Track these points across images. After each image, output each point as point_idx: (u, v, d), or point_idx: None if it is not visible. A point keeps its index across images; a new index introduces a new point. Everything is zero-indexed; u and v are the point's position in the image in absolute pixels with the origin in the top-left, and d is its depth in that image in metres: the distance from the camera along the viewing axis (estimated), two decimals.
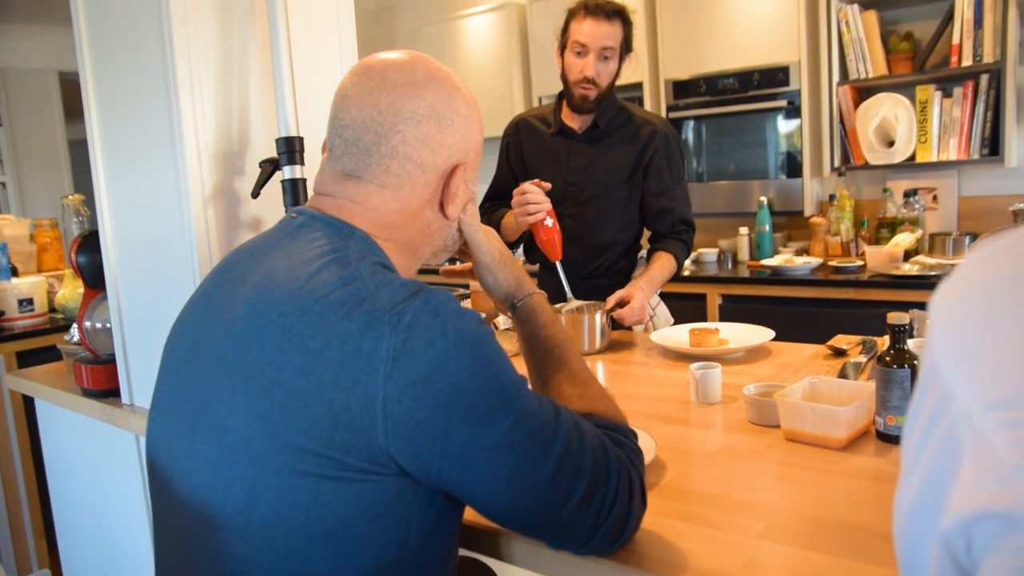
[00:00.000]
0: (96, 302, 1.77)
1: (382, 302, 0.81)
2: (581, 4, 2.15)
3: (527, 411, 0.83)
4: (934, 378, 0.47)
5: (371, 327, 0.80)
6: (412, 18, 5.12)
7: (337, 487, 0.79)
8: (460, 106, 0.98)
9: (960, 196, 3.30)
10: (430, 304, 0.82)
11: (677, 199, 2.25)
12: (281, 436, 0.80)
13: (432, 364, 0.79)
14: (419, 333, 0.80)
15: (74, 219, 3.44)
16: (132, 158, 1.57)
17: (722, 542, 0.97)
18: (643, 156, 2.23)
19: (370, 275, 0.85)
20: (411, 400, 0.78)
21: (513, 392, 0.84)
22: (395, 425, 0.78)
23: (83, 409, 1.79)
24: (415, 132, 0.94)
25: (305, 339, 0.81)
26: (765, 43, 3.38)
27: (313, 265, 0.86)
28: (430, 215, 1.00)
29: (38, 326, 3.07)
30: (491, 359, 0.83)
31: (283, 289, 0.86)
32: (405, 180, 0.96)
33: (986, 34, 2.93)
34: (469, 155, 1.01)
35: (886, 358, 1.23)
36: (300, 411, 0.79)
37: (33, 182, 5.64)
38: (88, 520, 2.00)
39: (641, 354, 1.96)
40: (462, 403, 0.79)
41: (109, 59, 1.58)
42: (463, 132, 0.99)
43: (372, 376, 0.78)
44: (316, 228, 0.93)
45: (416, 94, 0.95)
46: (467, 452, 0.80)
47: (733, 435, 1.34)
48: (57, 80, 5.70)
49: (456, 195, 1.00)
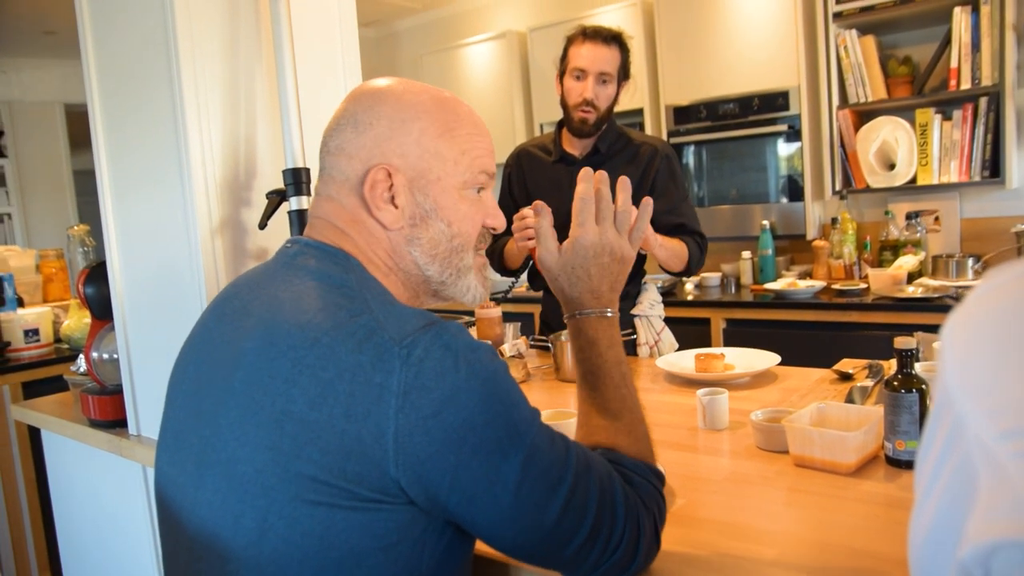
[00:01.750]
0: (103, 333, 1.78)
1: (391, 334, 0.81)
2: (580, 30, 2.19)
3: (537, 449, 0.83)
4: (947, 406, 0.47)
5: (382, 359, 0.80)
6: (413, 47, 5.18)
7: (349, 516, 0.79)
8: (386, 111, 0.94)
9: (962, 218, 3.31)
10: (442, 337, 0.82)
11: (686, 215, 2.27)
12: (292, 467, 0.80)
13: (444, 399, 0.79)
14: (431, 367, 0.79)
15: (79, 249, 3.46)
16: (140, 189, 1.59)
17: (733, 569, 0.97)
18: (646, 177, 2.25)
19: (379, 306, 0.85)
20: (422, 434, 0.78)
21: (524, 428, 0.83)
22: (406, 458, 0.78)
23: (90, 440, 1.79)
24: (336, 140, 0.96)
25: (316, 371, 0.81)
26: (765, 68, 3.41)
27: (319, 297, 0.87)
28: (371, 224, 0.95)
29: (44, 356, 3.08)
30: (503, 394, 0.83)
31: (291, 322, 0.85)
32: (336, 188, 0.96)
33: (984, 57, 2.96)
34: (406, 159, 0.94)
35: (894, 383, 1.22)
36: (312, 442, 0.79)
37: (38, 213, 5.68)
38: (94, 552, 1.99)
39: (647, 380, 1.96)
40: (473, 438, 0.79)
41: (117, 91, 1.60)
42: (388, 135, 0.93)
43: (383, 409, 0.78)
44: (312, 256, 0.93)
45: (343, 106, 0.97)
46: (475, 488, 0.80)
47: (741, 461, 1.33)
48: (63, 112, 5.76)
49: (382, 202, 0.93)
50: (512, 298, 4.00)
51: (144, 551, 1.75)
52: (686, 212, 2.28)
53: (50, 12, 4.52)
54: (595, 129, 2.22)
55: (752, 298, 3.32)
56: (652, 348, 2.30)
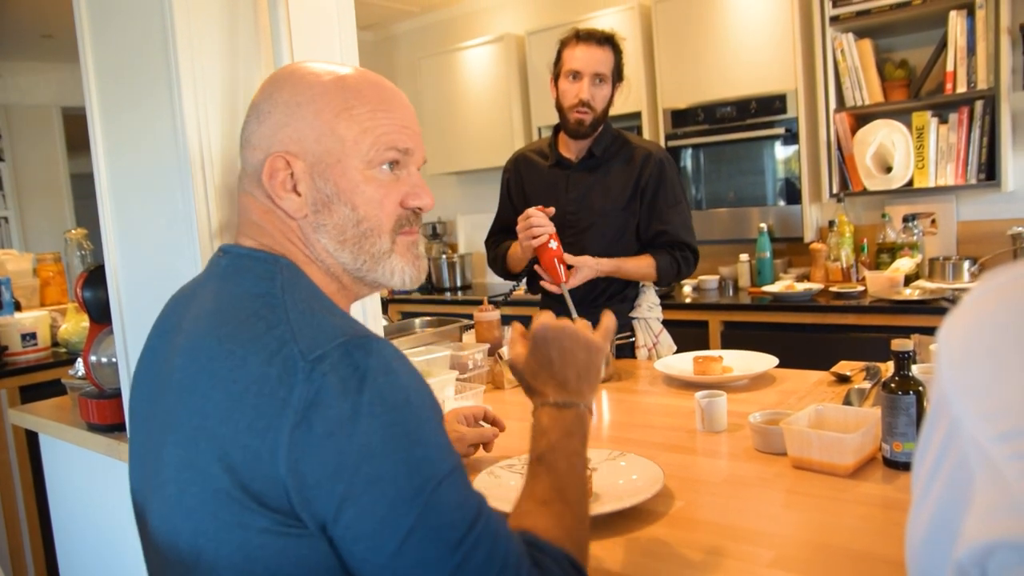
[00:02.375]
0: (102, 336, 1.78)
1: (302, 347, 0.76)
2: (573, 32, 2.21)
3: (440, 500, 0.75)
4: (944, 408, 0.48)
5: (287, 372, 0.75)
6: (411, 50, 5.18)
7: (266, 541, 0.75)
8: (282, 96, 0.92)
9: (958, 221, 3.32)
10: (353, 355, 0.76)
11: (671, 221, 2.25)
12: (209, 485, 0.77)
13: (341, 420, 0.73)
14: (333, 384, 0.74)
15: (77, 253, 3.46)
16: (138, 193, 1.59)
17: (732, 571, 0.97)
18: (639, 182, 2.25)
19: (298, 316, 0.80)
20: (312, 456, 0.72)
21: (429, 471, 0.75)
22: (296, 480, 0.73)
23: (88, 444, 1.79)
24: (244, 132, 0.94)
25: (228, 383, 0.78)
26: (762, 72, 3.42)
27: (241, 309, 0.83)
28: (280, 213, 0.92)
29: (41, 360, 3.07)
30: (412, 427, 0.75)
31: (212, 335, 0.82)
32: (246, 180, 0.94)
33: (979, 61, 2.97)
34: (305, 144, 0.90)
35: (891, 384, 1.23)
36: (222, 459, 0.76)
37: (36, 216, 5.68)
38: (92, 556, 1.99)
39: (645, 383, 1.97)
40: (367, 469, 0.72)
41: (116, 94, 1.60)
42: (284, 121, 0.91)
43: (281, 424, 0.73)
44: (242, 265, 0.90)
45: (256, 97, 0.96)
46: (359, 526, 0.73)
47: (740, 463, 1.34)
48: (60, 116, 5.76)
49: (282, 189, 0.90)
50: (511, 301, 4.00)
51: (140, 555, 1.75)
52: (671, 219, 2.26)
53: (48, 15, 4.52)
54: (591, 130, 2.23)
55: (750, 301, 3.32)
56: (650, 351, 2.31)
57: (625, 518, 1.13)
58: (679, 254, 2.25)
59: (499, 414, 1.71)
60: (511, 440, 1.56)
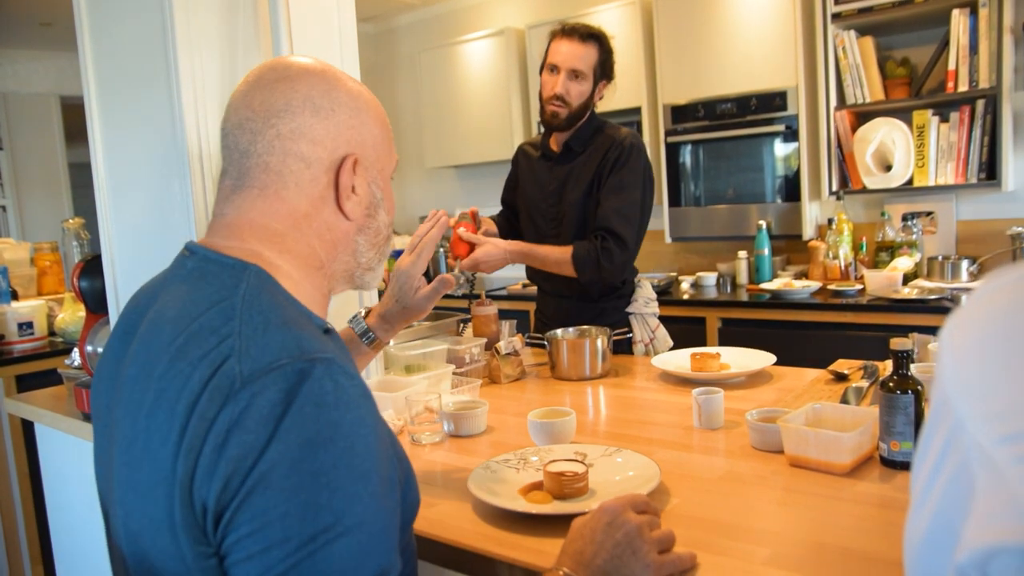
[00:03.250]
0: (98, 326, 1.77)
1: (243, 365, 0.71)
2: (560, 26, 2.24)
3: (326, 558, 0.68)
4: (945, 410, 0.47)
5: (219, 390, 0.70)
6: (411, 43, 5.17)
7: (204, 565, 0.71)
8: (342, 96, 0.90)
9: (958, 220, 3.32)
10: (288, 380, 0.70)
11: (606, 207, 2.16)
12: (148, 512, 0.73)
13: (254, 446, 0.68)
14: (258, 408, 0.69)
15: (74, 243, 3.45)
16: (136, 183, 1.58)
17: (728, 569, 0.97)
18: (600, 169, 2.21)
19: (250, 330, 0.75)
20: (221, 480, 0.68)
21: (325, 522, 0.68)
22: (209, 503, 0.69)
23: (84, 433, 1.79)
24: (290, 124, 0.87)
25: (172, 404, 0.73)
26: (763, 68, 3.41)
27: (196, 321, 0.77)
28: (329, 217, 0.90)
29: (38, 350, 3.07)
30: (324, 468, 0.69)
31: (166, 351, 0.77)
32: (288, 176, 0.87)
33: (981, 60, 2.96)
34: (365, 149, 0.92)
35: (889, 383, 1.23)
36: (160, 483, 0.72)
37: (33, 205, 5.66)
38: (87, 545, 1.98)
39: (642, 379, 1.96)
40: (256, 500, 0.67)
41: (114, 84, 1.60)
42: (350, 122, 0.90)
43: (204, 447, 0.69)
44: (207, 270, 0.83)
45: (289, 87, 0.88)
46: (235, 554, 0.69)
47: (737, 461, 1.34)
48: (58, 104, 5.74)
49: (352, 191, 0.90)
50: (508, 295, 4.00)
51: None
52: (608, 204, 2.16)
53: (46, 3, 4.50)
54: (566, 124, 2.23)
55: (748, 298, 3.32)
56: (647, 346, 2.31)
57: None
58: (600, 243, 2.12)
59: (496, 409, 1.71)
60: (508, 435, 1.56)
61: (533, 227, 2.38)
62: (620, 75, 2.33)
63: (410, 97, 5.20)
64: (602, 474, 1.24)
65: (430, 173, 5.18)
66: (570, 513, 1.09)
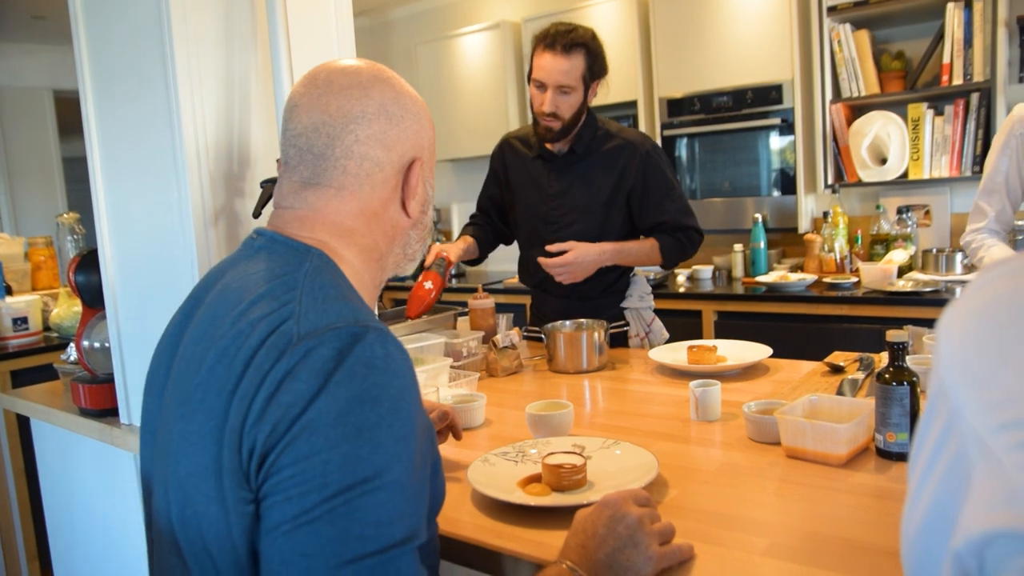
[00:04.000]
0: (94, 321, 1.77)
1: (302, 327, 0.78)
2: (543, 35, 2.11)
3: (360, 508, 0.71)
4: (942, 399, 0.47)
5: (276, 347, 0.77)
6: (407, 36, 5.16)
7: (236, 519, 0.75)
8: (408, 103, 0.97)
9: (952, 213, 3.33)
10: (342, 340, 0.76)
11: (668, 211, 2.22)
12: (200, 458, 0.78)
13: (304, 394, 0.73)
14: (311, 362, 0.75)
15: (69, 237, 3.44)
16: (132, 178, 1.58)
17: (725, 559, 0.98)
18: (623, 180, 2.21)
19: (311, 301, 0.81)
20: (269, 424, 0.73)
21: (363, 473, 0.72)
22: (254, 446, 0.74)
23: (80, 429, 1.79)
24: (368, 130, 0.93)
25: (231, 359, 0.79)
26: (758, 61, 3.41)
27: (260, 289, 0.84)
28: (394, 214, 0.98)
29: (33, 345, 3.06)
30: (368, 424, 0.73)
31: (228, 314, 0.84)
32: (364, 179, 0.94)
33: (976, 53, 2.97)
34: (424, 152, 0.99)
35: (885, 375, 1.23)
36: (212, 431, 0.77)
37: (27, 200, 5.63)
38: (84, 541, 1.98)
39: (639, 371, 1.97)
40: (301, 445, 0.72)
41: (110, 78, 1.59)
42: (415, 128, 0.97)
43: (259, 394, 0.75)
44: (274, 250, 0.91)
45: (364, 94, 0.94)
46: (273, 495, 0.73)
47: (734, 452, 1.34)
48: (51, 98, 5.71)
49: (416, 191, 0.98)
50: (505, 289, 4.00)
51: (134, 540, 1.75)
52: (668, 208, 2.22)
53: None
54: (561, 136, 2.17)
55: (743, 291, 3.33)
56: (643, 340, 2.31)
57: None
58: (682, 235, 2.23)
59: (494, 402, 1.71)
60: (506, 429, 1.57)
61: (528, 229, 2.33)
62: (616, 69, 2.28)
63: None
64: (600, 466, 1.25)
65: None
66: (568, 505, 1.09)
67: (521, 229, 2.37)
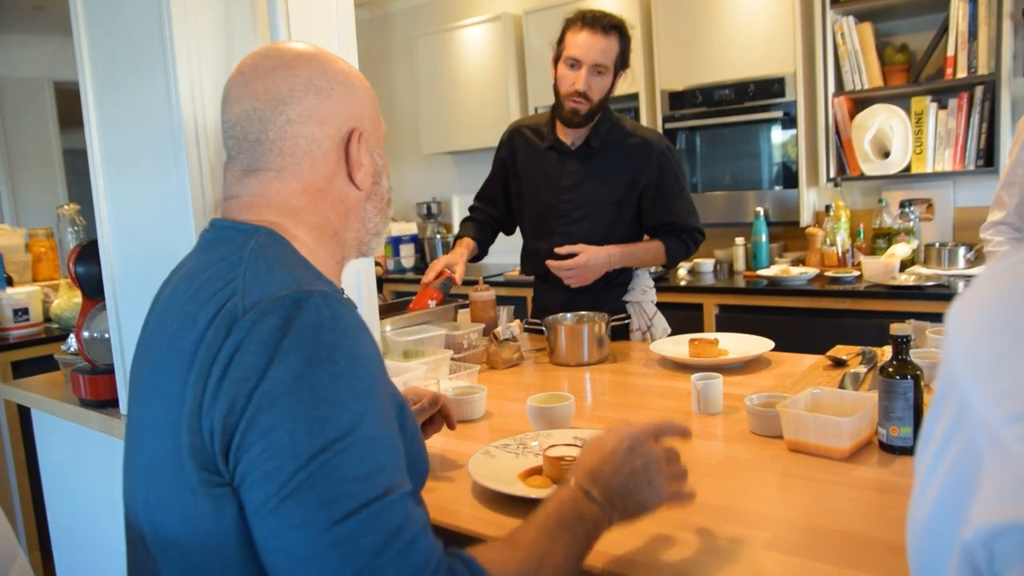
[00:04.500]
0: (94, 312, 1.76)
1: (246, 301, 0.78)
2: (579, 15, 2.10)
3: (336, 467, 0.71)
4: (952, 390, 0.47)
5: (225, 324, 0.77)
6: (408, 28, 5.14)
7: (200, 501, 0.76)
8: (337, 75, 0.96)
9: (955, 207, 3.32)
10: (287, 308, 0.77)
11: (677, 211, 2.25)
12: (160, 445, 0.79)
13: (255, 365, 0.74)
14: (259, 334, 0.75)
15: (70, 229, 3.43)
16: (132, 168, 1.57)
17: (728, 553, 0.97)
18: (638, 179, 2.21)
19: (253, 274, 0.82)
20: (226, 400, 0.74)
21: (330, 433, 0.72)
22: (216, 425, 0.74)
23: (81, 419, 1.78)
24: (298, 108, 0.92)
25: (181, 343, 0.80)
26: (761, 54, 3.39)
27: (206, 272, 0.85)
28: (342, 188, 0.97)
29: (33, 336, 3.05)
30: (324, 384, 0.74)
31: (179, 301, 0.85)
32: (302, 157, 0.93)
33: (981, 46, 2.95)
34: (364, 122, 0.98)
35: (889, 369, 1.23)
36: (173, 419, 0.78)
37: (28, 191, 5.63)
38: (84, 531, 1.98)
39: (641, 364, 1.96)
40: (266, 418, 0.72)
41: (110, 69, 1.58)
42: (348, 99, 0.96)
43: (212, 373, 0.76)
44: (224, 236, 0.91)
45: (290, 73, 0.93)
46: (250, 471, 0.73)
47: (735, 446, 1.34)
48: (52, 89, 5.69)
49: (361, 162, 0.97)
50: (506, 282, 4.00)
51: None
52: (678, 209, 2.25)
53: None
54: (586, 120, 2.15)
55: (745, 284, 3.32)
56: (644, 334, 2.30)
57: None
58: (687, 236, 2.28)
59: (494, 395, 1.71)
60: (507, 421, 1.56)
61: (534, 220, 2.31)
62: None
63: (407, 83, 5.17)
64: None
65: (427, 159, 5.17)
66: None
67: (527, 219, 2.34)
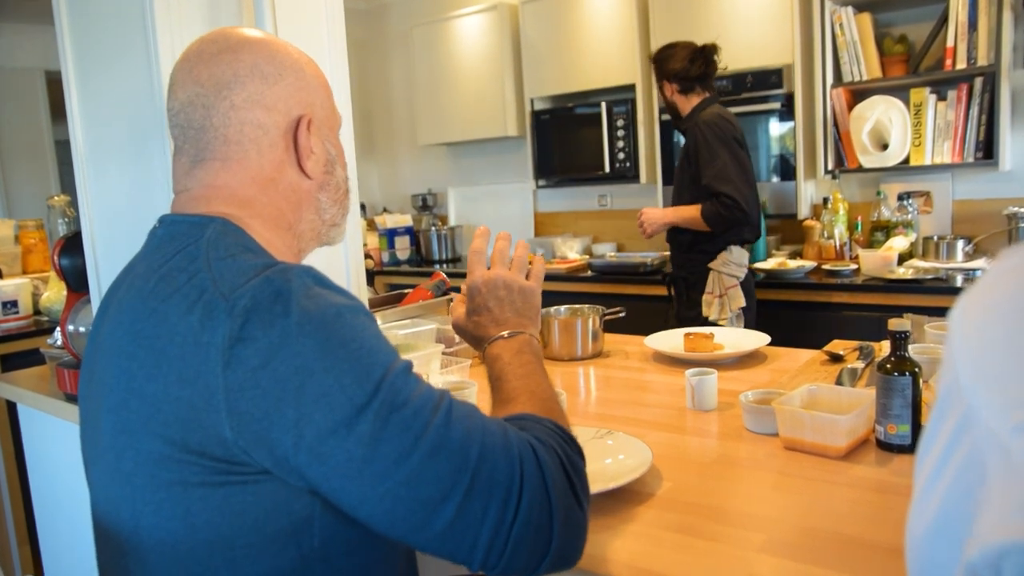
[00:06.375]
0: (79, 305, 1.73)
1: (222, 289, 0.76)
2: None
3: (395, 395, 0.74)
4: (956, 396, 0.44)
5: (209, 316, 0.75)
6: (403, 19, 5.09)
7: (205, 494, 0.75)
8: (285, 60, 0.92)
9: (954, 199, 3.29)
10: (273, 283, 0.76)
11: (708, 175, 2.67)
12: (143, 446, 0.77)
13: (272, 347, 0.72)
14: (258, 315, 0.73)
15: (60, 220, 3.40)
16: (117, 160, 1.54)
17: (721, 555, 0.95)
18: (688, 149, 2.79)
19: (217, 261, 0.80)
20: (253, 388, 0.72)
21: (378, 373, 0.74)
22: (240, 418, 0.72)
23: (66, 414, 1.76)
24: (242, 93, 0.88)
25: (151, 340, 0.78)
26: (759, 45, 3.36)
27: (164, 266, 0.82)
28: (292, 177, 0.93)
29: (22, 329, 3.02)
30: (348, 337, 0.75)
31: (137, 297, 0.82)
32: (248, 145, 0.89)
33: (980, 37, 2.92)
34: (314, 108, 0.94)
35: (887, 365, 1.20)
36: (153, 416, 0.76)
37: (19, 182, 5.58)
38: (71, 525, 1.96)
39: (634, 359, 1.94)
40: (312, 388, 0.72)
41: (93, 58, 1.55)
42: (297, 84, 0.93)
43: (211, 368, 0.73)
44: (175, 231, 0.87)
45: (234, 58, 0.89)
46: (322, 444, 0.72)
47: (730, 443, 1.31)
48: (44, 79, 5.64)
49: (310, 150, 0.93)
50: None
51: None
52: (707, 174, 2.67)
53: None
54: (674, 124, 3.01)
55: None
56: (718, 299, 2.73)
57: (612, 499, 1.10)
58: (717, 200, 2.66)
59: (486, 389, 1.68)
60: None
61: None
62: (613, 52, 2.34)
63: (402, 74, 5.13)
64: (592, 457, 1.22)
65: (422, 150, 5.13)
66: None
67: None
